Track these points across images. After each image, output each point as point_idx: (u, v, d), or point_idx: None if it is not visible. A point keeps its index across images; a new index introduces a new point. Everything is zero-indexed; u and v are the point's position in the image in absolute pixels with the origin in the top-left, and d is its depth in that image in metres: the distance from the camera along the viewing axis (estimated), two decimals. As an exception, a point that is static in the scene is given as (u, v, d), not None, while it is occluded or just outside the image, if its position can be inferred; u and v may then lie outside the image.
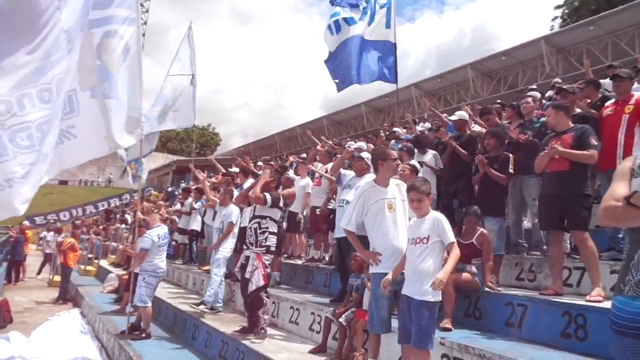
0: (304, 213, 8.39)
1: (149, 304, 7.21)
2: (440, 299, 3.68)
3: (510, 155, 5.63)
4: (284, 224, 7.54)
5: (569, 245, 5.31)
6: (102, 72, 5.75)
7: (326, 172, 7.72)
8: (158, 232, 7.41)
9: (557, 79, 10.67)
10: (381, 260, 4.08)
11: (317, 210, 7.73)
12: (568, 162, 4.54)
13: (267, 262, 5.87)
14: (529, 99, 6.47)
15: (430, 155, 7.03)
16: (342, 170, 6.24)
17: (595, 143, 4.54)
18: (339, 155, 9.04)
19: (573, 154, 4.52)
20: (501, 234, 5.54)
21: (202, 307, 7.28)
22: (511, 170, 5.58)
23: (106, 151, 5.96)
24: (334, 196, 7.18)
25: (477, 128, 7.29)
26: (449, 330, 4.33)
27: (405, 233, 4.02)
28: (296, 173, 8.80)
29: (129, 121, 6.01)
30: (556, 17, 33.89)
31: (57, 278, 15.08)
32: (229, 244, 7.61)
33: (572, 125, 4.79)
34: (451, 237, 3.70)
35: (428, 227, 3.74)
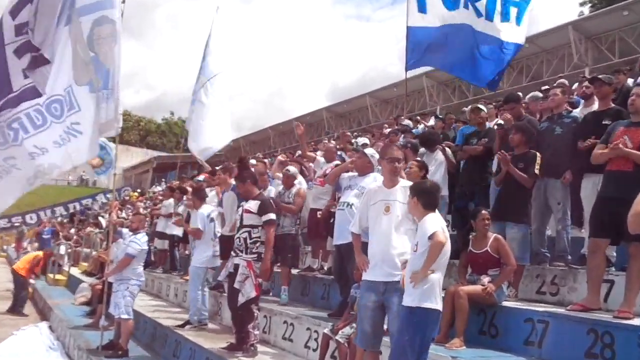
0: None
1: (132, 317, 7.27)
2: (420, 305, 3.62)
3: (538, 154, 5.59)
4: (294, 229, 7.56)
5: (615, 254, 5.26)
6: (96, 64, 6.10)
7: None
8: (144, 238, 7.54)
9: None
10: (368, 267, 4.14)
11: (319, 213, 7.69)
12: (633, 161, 4.39)
13: (258, 271, 5.90)
14: (558, 90, 6.40)
15: (440, 154, 7.07)
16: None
17: None
18: (343, 155, 9.07)
19: (638, 155, 4.37)
20: (525, 243, 5.52)
21: (188, 327, 7.31)
22: (537, 172, 5.53)
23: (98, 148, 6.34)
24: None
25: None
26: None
27: (402, 239, 4.04)
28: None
29: (116, 113, 6.37)
30: (585, 2, 33.97)
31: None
32: (203, 253, 7.60)
33: None
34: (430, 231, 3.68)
35: (418, 234, 3.81)
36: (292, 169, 7.98)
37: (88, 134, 6.17)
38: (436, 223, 3.77)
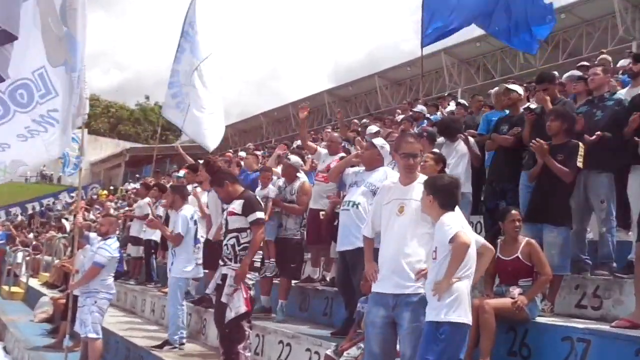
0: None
1: (101, 336, 7.27)
2: (447, 319, 3.69)
3: (580, 144, 5.55)
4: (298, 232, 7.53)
5: None
6: (69, 40, 6.08)
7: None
8: (115, 244, 7.55)
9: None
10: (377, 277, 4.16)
11: (321, 213, 7.66)
12: None
13: (250, 283, 5.90)
14: (598, 69, 6.41)
15: (462, 145, 7.06)
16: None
17: None
18: (348, 148, 9.06)
19: None
20: (566, 249, 5.49)
21: (167, 347, 7.33)
22: (579, 164, 5.49)
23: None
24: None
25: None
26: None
27: (417, 245, 4.04)
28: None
29: (82, 98, 6.39)
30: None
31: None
32: (184, 261, 7.61)
33: None
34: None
35: (436, 238, 3.85)
36: (294, 157, 7.84)
37: (66, 122, 6.19)
38: (456, 222, 3.79)
